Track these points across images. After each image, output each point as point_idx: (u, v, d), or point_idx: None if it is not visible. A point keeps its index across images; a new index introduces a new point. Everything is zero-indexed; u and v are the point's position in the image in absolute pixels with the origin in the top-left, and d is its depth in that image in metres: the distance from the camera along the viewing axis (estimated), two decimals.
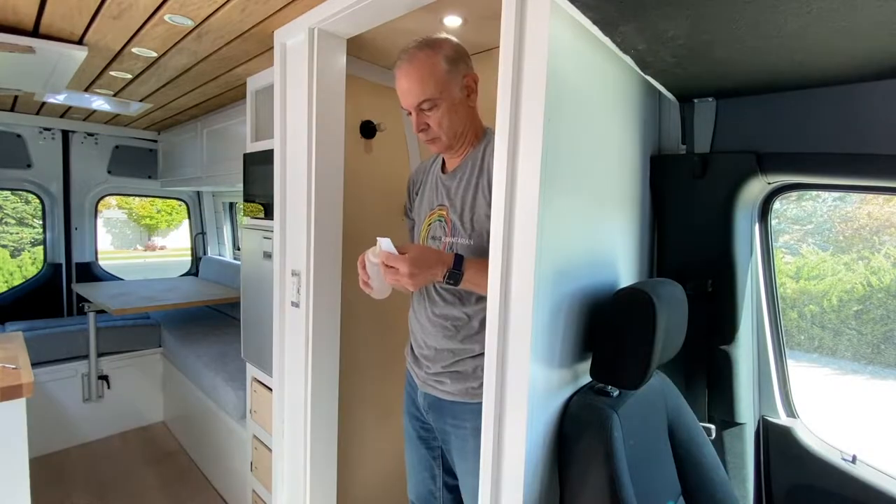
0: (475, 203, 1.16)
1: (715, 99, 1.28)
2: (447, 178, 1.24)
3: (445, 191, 1.24)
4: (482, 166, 1.16)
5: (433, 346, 1.24)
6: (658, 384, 1.16)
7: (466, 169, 1.20)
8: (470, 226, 1.16)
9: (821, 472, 1.25)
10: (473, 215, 1.16)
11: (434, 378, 1.24)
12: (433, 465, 1.39)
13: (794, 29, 0.82)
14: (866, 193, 1.45)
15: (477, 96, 1.19)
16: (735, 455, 1.34)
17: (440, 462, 1.37)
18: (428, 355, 1.26)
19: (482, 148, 1.18)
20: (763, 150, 1.20)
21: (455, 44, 1.17)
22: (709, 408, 1.36)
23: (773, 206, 1.33)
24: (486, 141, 1.19)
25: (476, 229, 1.15)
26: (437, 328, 1.23)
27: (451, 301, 1.20)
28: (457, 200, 1.20)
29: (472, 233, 1.16)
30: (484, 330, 0.99)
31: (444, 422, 1.24)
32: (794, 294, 1.71)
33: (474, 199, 1.16)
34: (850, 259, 1.70)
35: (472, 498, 1.15)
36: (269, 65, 1.83)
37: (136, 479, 2.54)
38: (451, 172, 1.24)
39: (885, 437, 1.47)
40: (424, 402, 1.30)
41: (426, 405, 1.29)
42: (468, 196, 1.17)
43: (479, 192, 1.15)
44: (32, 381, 1.46)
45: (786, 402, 1.38)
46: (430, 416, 1.29)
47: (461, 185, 1.20)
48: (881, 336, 1.61)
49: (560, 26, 0.86)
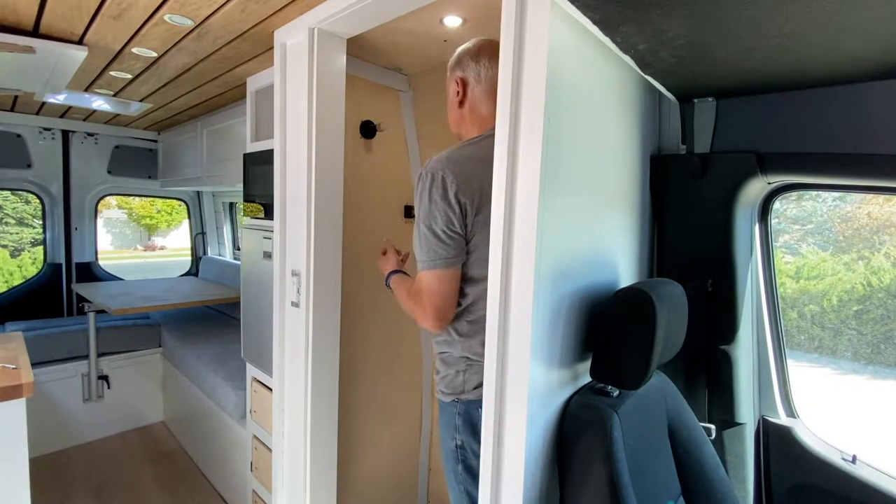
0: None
1: (715, 99, 1.28)
2: None
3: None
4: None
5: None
6: (658, 384, 1.16)
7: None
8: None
9: (821, 472, 1.25)
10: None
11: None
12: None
13: (794, 29, 0.82)
14: (866, 193, 1.45)
15: (467, 98, 1.19)
16: (735, 455, 1.34)
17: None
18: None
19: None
20: (763, 150, 1.20)
21: (464, 48, 1.21)
22: (709, 408, 1.36)
23: (773, 206, 1.33)
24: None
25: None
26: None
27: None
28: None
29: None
30: (441, 334, 1.17)
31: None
32: (794, 294, 1.71)
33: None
34: (850, 259, 1.70)
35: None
36: (269, 65, 1.83)
37: (136, 478, 2.54)
38: None
39: (885, 437, 1.47)
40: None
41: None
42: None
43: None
44: (32, 381, 1.45)
45: (786, 402, 1.38)
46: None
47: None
48: (881, 336, 1.61)
49: (560, 26, 0.86)
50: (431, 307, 1.08)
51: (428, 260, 1.08)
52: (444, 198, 1.06)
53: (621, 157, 1.19)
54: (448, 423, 1.18)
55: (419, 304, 1.11)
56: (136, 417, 3.09)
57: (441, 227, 1.06)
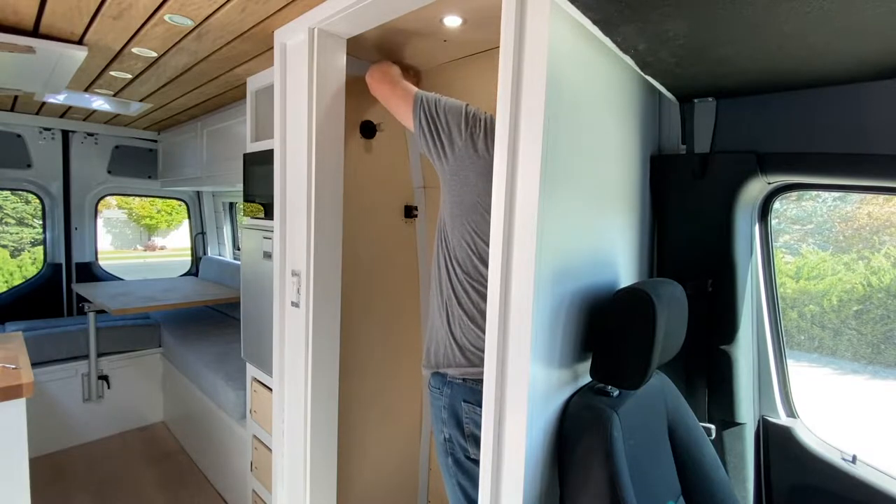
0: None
1: (715, 99, 1.28)
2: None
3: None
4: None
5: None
6: (658, 384, 1.16)
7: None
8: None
9: (821, 472, 1.25)
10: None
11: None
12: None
13: (794, 29, 0.82)
14: (866, 193, 1.45)
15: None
16: (735, 455, 1.34)
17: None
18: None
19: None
20: (763, 150, 1.20)
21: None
22: (709, 408, 1.36)
23: (773, 206, 1.33)
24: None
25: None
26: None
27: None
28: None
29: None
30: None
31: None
32: (794, 294, 1.71)
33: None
34: (850, 259, 1.70)
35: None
36: (269, 65, 1.83)
37: (136, 479, 2.54)
38: None
39: (885, 437, 1.47)
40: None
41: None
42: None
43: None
44: (32, 381, 1.45)
45: (786, 402, 1.38)
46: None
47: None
48: (881, 336, 1.61)
49: (560, 26, 0.86)
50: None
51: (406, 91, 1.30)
52: (470, 124, 1.17)
53: (621, 157, 1.19)
54: (437, 417, 1.23)
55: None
56: (136, 417, 3.09)
57: (444, 117, 1.20)
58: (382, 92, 1.42)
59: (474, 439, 1.15)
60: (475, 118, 1.18)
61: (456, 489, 1.21)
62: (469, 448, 1.17)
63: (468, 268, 1.17)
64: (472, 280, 1.16)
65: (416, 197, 2.06)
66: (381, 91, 1.43)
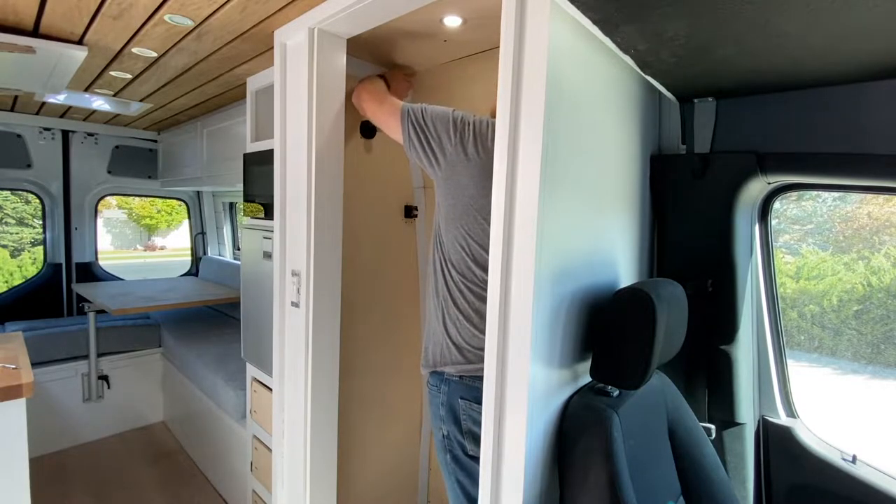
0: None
1: (715, 99, 1.28)
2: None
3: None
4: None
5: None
6: (658, 384, 1.16)
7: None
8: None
9: (821, 472, 1.25)
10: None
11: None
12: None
13: (794, 29, 0.82)
14: (866, 193, 1.45)
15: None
16: (735, 455, 1.34)
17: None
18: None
19: None
20: (763, 150, 1.20)
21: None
22: (709, 408, 1.36)
23: (773, 206, 1.33)
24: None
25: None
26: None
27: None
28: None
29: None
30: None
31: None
32: (794, 294, 1.71)
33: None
34: (850, 259, 1.70)
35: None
36: (269, 65, 1.83)
37: (136, 479, 2.54)
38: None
39: (886, 437, 1.47)
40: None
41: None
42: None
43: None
44: (32, 381, 1.45)
45: (786, 402, 1.39)
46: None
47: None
48: (881, 336, 1.61)
49: (560, 26, 0.86)
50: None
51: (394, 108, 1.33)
52: (458, 129, 1.18)
53: (621, 157, 1.19)
54: (435, 414, 1.25)
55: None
56: (136, 417, 3.09)
57: (432, 126, 1.23)
58: (370, 109, 1.48)
59: (472, 436, 1.16)
60: (463, 122, 1.19)
61: (455, 486, 1.22)
62: (467, 445, 1.18)
63: (463, 269, 1.19)
64: (467, 281, 1.18)
65: (416, 197, 2.06)
66: (368, 109, 1.49)
